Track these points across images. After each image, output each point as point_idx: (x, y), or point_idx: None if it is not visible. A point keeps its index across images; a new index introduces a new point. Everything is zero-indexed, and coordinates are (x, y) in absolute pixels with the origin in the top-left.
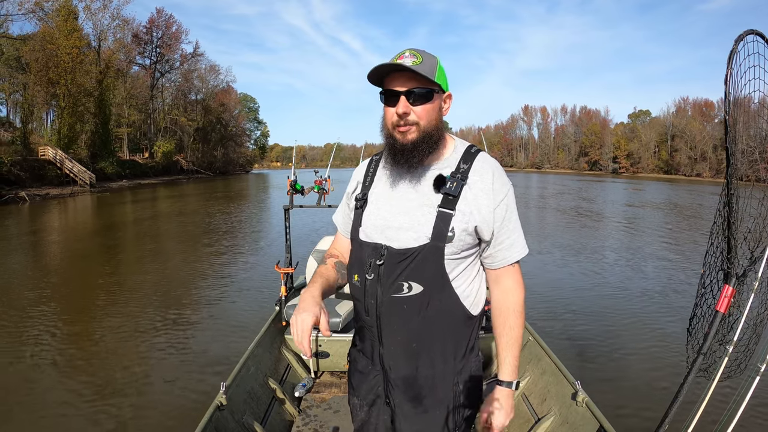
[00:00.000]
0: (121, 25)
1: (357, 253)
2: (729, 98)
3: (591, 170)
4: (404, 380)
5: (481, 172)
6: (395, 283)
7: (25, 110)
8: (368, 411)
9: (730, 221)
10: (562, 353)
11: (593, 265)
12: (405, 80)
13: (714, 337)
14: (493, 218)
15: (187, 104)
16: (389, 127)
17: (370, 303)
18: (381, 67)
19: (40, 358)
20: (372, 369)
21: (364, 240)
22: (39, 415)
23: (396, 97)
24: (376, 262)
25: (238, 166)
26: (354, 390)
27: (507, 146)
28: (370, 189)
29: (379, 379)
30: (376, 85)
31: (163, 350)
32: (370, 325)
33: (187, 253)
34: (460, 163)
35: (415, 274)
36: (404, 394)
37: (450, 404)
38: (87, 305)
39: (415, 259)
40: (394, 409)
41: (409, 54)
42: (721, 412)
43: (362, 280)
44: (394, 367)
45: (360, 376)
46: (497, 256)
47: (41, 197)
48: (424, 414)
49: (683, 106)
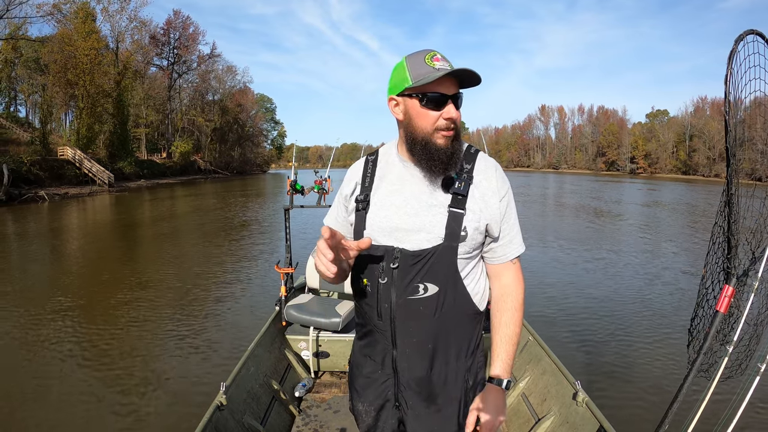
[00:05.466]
0: (138, 26)
1: (365, 257)
2: (729, 98)
3: (608, 170)
4: (418, 381)
5: (485, 171)
6: (410, 285)
7: (44, 111)
8: (376, 416)
9: (731, 221)
10: (562, 353)
11: (594, 265)
12: (451, 84)
13: (714, 337)
14: (499, 214)
15: (204, 105)
16: (427, 132)
17: (383, 307)
18: (457, 71)
19: (51, 353)
20: (381, 373)
21: None
22: (40, 413)
23: (443, 101)
24: (391, 266)
25: (255, 166)
26: (359, 395)
27: (524, 146)
28: (372, 190)
29: (389, 383)
30: (410, 88)
31: (163, 350)
32: (382, 329)
33: (199, 251)
34: (462, 162)
35: (431, 275)
36: (418, 395)
37: (462, 400)
38: (96, 302)
39: (430, 260)
40: (405, 411)
41: (442, 57)
42: (721, 412)
43: (374, 284)
44: (408, 369)
45: (366, 381)
46: (497, 251)
47: (60, 196)
48: (437, 413)
49: (702, 106)
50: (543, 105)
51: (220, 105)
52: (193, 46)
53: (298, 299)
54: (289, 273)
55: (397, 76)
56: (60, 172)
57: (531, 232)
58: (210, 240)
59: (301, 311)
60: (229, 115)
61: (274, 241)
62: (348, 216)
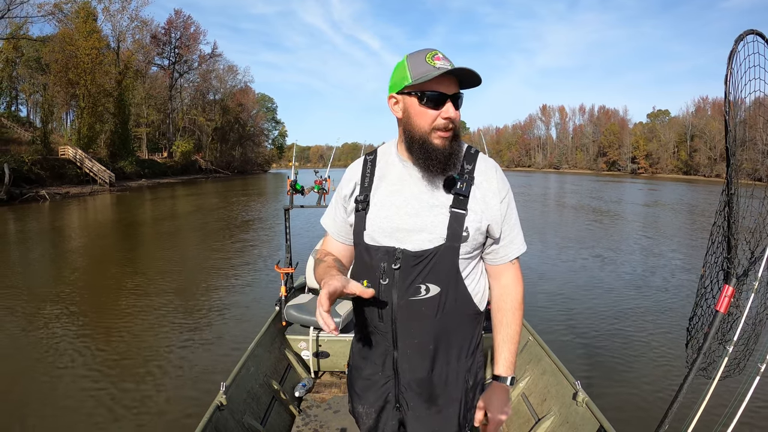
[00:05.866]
0: (139, 26)
1: (365, 258)
2: (729, 98)
3: (609, 170)
4: (419, 382)
5: (486, 171)
6: (412, 286)
7: (45, 110)
8: (377, 417)
9: (731, 221)
10: (562, 353)
11: (594, 264)
12: (451, 84)
13: (714, 336)
14: (500, 215)
15: (205, 104)
16: (425, 131)
17: (384, 308)
18: (456, 70)
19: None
20: (381, 375)
21: (370, 244)
22: (41, 409)
23: (442, 100)
24: (392, 266)
25: (256, 165)
26: (359, 398)
27: (525, 146)
28: (372, 191)
29: (390, 384)
30: (409, 86)
31: (162, 350)
32: (383, 331)
33: (200, 250)
34: (463, 163)
35: (432, 276)
36: (419, 396)
37: (462, 400)
38: (97, 301)
39: (432, 261)
40: (406, 412)
41: (443, 56)
42: (721, 412)
43: (375, 285)
44: (409, 370)
45: (366, 384)
46: (498, 252)
47: (61, 196)
48: (438, 414)
49: (703, 106)
50: (544, 105)
51: (221, 104)
52: (194, 46)
53: (298, 299)
54: (289, 273)
55: (397, 74)
56: (61, 171)
57: (531, 232)
58: (210, 240)
59: (301, 311)
60: (230, 115)
61: (275, 241)
62: (347, 217)
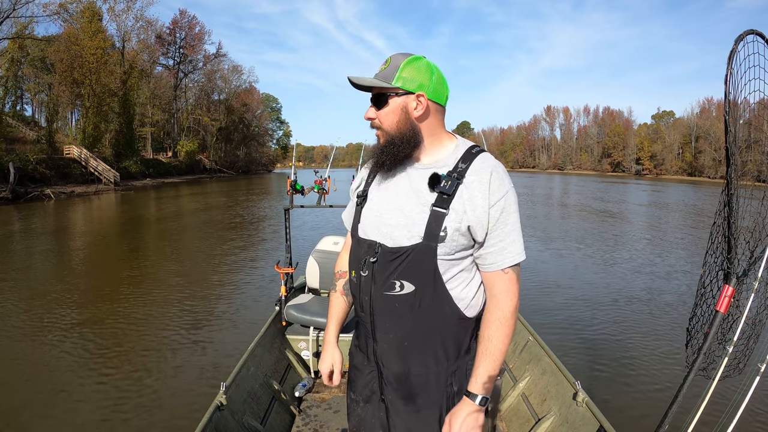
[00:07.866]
0: (144, 26)
1: (355, 250)
2: (729, 98)
3: (614, 172)
4: (397, 378)
5: (480, 171)
6: (387, 281)
7: (50, 110)
8: (364, 407)
9: (731, 221)
10: (562, 353)
11: (594, 264)
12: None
13: (714, 337)
14: (488, 219)
15: (210, 104)
16: None
17: (364, 299)
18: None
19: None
20: (367, 365)
21: (361, 237)
22: (43, 409)
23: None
24: (370, 260)
25: (261, 165)
26: (351, 385)
27: (529, 147)
28: (371, 186)
29: (374, 375)
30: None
31: (162, 349)
32: (365, 321)
33: (201, 250)
34: (458, 162)
35: (407, 273)
36: (396, 392)
37: (443, 405)
38: (98, 299)
39: (407, 259)
40: (387, 406)
41: (386, 60)
42: (721, 412)
43: (357, 276)
44: (387, 365)
45: (356, 372)
46: (487, 258)
47: (66, 195)
48: (416, 413)
49: (708, 107)
50: (548, 105)
51: (226, 104)
52: (198, 46)
53: (298, 299)
54: (289, 273)
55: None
56: (66, 170)
57: (534, 232)
58: (213, 239)
59: (301, 311)
60: (234, 115)
61: (276, 241)
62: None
